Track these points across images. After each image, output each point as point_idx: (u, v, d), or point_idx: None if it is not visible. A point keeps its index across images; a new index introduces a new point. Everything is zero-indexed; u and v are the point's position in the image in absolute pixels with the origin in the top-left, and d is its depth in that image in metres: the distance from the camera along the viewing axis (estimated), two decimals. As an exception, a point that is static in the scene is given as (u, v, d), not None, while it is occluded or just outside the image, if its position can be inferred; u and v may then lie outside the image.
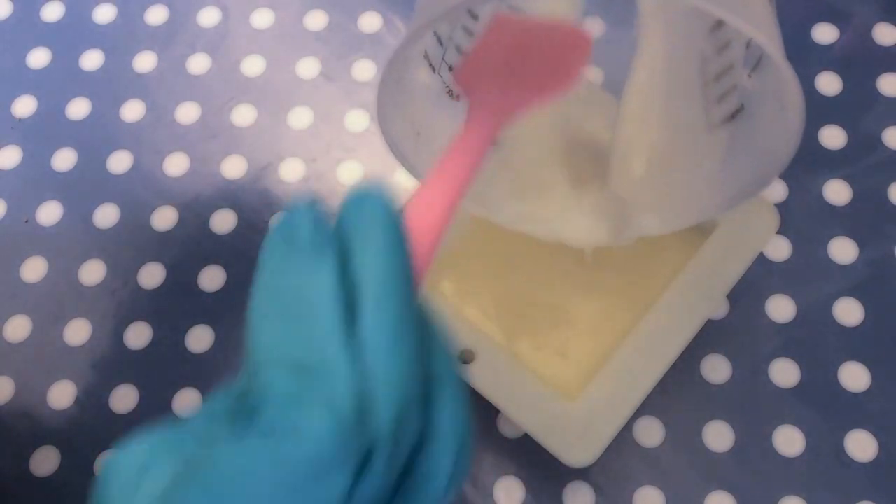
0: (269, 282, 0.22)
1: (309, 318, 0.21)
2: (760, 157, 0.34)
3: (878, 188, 0.48)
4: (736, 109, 0.35)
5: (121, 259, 0.49)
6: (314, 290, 0.21)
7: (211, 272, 0.48)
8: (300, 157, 0.51)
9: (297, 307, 0.21)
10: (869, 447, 0.42)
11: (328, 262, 0.21)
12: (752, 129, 0.35)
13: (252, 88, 0.54)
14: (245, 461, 0.20)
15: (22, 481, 0.44)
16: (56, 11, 0.57)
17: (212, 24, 0.56)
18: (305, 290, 0.21)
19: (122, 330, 0.47)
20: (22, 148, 0.53)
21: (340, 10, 0.55)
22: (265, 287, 0.22)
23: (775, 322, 0.45)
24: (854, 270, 0.46)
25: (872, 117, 0.50)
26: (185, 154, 0.52)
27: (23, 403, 0.46)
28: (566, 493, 0.42)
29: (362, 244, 0.21)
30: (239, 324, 0.47)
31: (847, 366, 0.44)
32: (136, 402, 0.46)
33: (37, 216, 0.51)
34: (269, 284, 0.22)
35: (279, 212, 0.50)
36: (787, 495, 0.42)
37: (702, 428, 0.43)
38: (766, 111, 0.33)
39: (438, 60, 0.37)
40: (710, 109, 0.36)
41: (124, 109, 0.53)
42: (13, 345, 0.48)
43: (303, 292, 0.21)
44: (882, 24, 0.52)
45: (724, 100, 0.36)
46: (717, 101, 0.36)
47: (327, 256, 0.21)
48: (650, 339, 0.39)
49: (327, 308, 0.20)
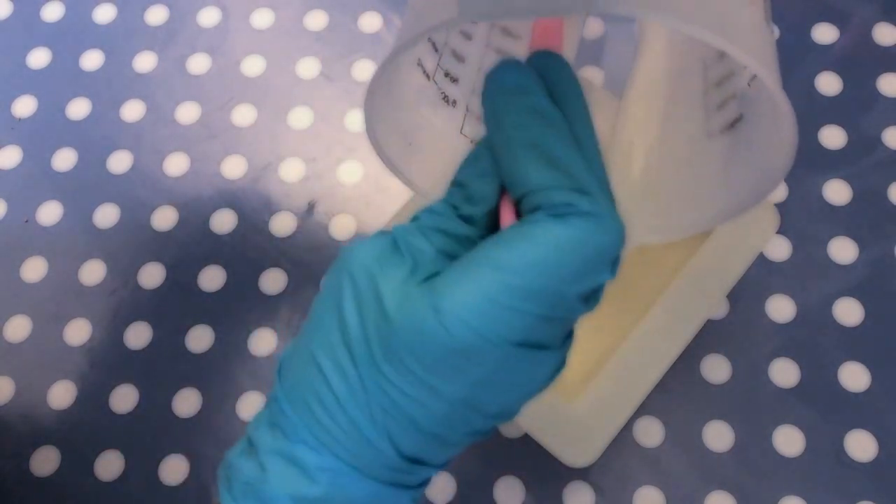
0: (504, 107, 0.26)
1: (554, 129, 0.25)
2: (757, 169, 0.34)
3: (878, 188, 0.48)
4: (735, 118, 0.35)
5: (121, 259, 0.49)
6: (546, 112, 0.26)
7: (211, 272, 0.48)
8: (300, 157, 0.51)
9: (541, 120, 0.26)
10: (869, 447, 0.42)
11: (543, 94, 0.26)
12: (749, 141, 0.35)
13: (252, 88, 0.54)
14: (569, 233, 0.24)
15: (22, 481, 0.44)
16: (56, 11, 0.57)
17: (212, 24, 0.56)
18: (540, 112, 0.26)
19: (122, 330, 0.47)
20: (22, 148, 0.53)
21: (340, 10, 0.55)
22: (503, 113, 0.26)
23: (775, 322, 0.45)
24: (854, 270, 0.46)
25: (872, 117, 0.50)
26: (185, 154, 0.52)
27: (23, 403, 0.46)
28: (566, 493, 0.42)
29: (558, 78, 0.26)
30: (239, 323, 0.48)
31: (847, 366, 0.44)
32: (136, 402, 0.46)
33: (37, 216, 0.51)
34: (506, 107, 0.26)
35: (279, 212, 0.50)
36: (787, 495, 0.42)
37: (702, 428, 0.43)
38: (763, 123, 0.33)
39: (433, 66, 0.36)
40: (710, 117, 0.36)
41: (124, 109, 0.54)
42: (13, 345, 0.48)
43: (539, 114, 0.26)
44: (882, 24, 0.52)
45: (724, 107, 0.35)
46: (717, 108, 0.36)
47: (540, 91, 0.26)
48: (650, 339, 0.39)
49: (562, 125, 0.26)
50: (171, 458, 0.44)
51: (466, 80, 0.37)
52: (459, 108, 0.38)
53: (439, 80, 0.37)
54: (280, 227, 0.49)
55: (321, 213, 0.50)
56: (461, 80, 0.37)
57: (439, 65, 0.36)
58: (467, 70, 0.37)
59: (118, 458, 0.45)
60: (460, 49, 0.37)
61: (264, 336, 0.47)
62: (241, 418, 0.45)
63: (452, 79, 0.37)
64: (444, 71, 0.37)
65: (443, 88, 0.37)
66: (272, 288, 0.48)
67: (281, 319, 0.47)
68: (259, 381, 0.46)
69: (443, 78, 0.37)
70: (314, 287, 0.47)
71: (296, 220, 0.49)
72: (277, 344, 0.46)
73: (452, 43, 0.36)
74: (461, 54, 0.37)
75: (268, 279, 0.48)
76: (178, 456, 0.44)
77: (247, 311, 0.47)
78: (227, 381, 0.46)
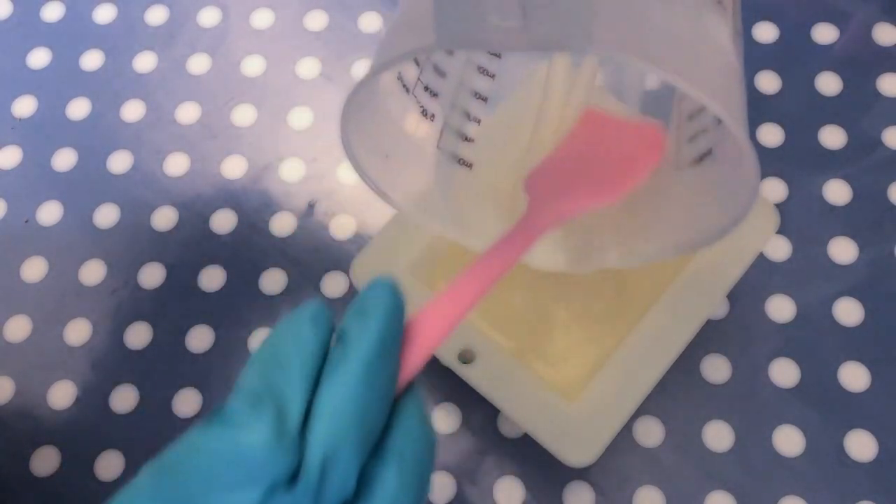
0: (270, 338, 0.26)
1: (288, 362, 0.24)
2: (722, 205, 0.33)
3: (878, 188, 0.48)
4: (704, 153, 0.35)
5: (121, 259, 0.49)
6: (301, 345, 0.25)
7: (211, 272, 0.48)
8: (300, 157, 0.51)
9: (283, 355, 0.25)
10: (869, 447, 0.42)
11: (321, 329, 0.25)
12: (717, 175, 0.34)
13: (252, 88, 0.54)
14: (196, 439, 0.24)
15: (22, 481, 0.44)
16: (56, 11, 0.57)
17: (212, 24, 0.56)
18: (293, 345, 0.25)
19: (122, 330, 0.47)
20: (22, 148, 0.53)
21: (340, 10, 0.55)
22: (266, 341, 0.25)
23: (775, 322, 0.45)
24: (854, 270, 0.46)
25: (872, 117, 0.50)
26: (185, 154, 0.52)
27: (23, 403, 0.46)
28: (566, 493, 0.42)
29: (357, 318, 0.25)
30: (239, 323, 0.48)
31: (847, 366, 0.44)
32: (136, 402, 0.46)
33: (37, 216, 0.51)
34: (269, 339, 0.25)
35: (279, 212, 0.50)
36: (787, 495, 0.42)
37: (702, 428, 0.43)
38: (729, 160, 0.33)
39: (414, 80, 0.36)
40: (681, 149, 0.36)
41: (124, 109, 0.54)
42: (13, 345, 0.48)
43: (291, 346, 0.25)
44: (882, 24, 0.52)
45: (695, 140, 0.35)
46: (688, 141, 0.36)
47: (321, 326, 0.25)
48: (650, 339, 0.39)
49: (306, 357, 0.24)
50: (171, 458, 0.44)
51: (446, 94, 0.37)
52: (437, 122, 0.37)
53: (419, 95, 0.36)
54: (280, 227, 0.49)
55: (321, 213, 0.50)
56: (441, 94, 0.37)
57: (419, 79, 0.36)
58: (447, 84, 0.37)
59: (118, 458, 0.45)
60: (442, 64, 0.37)
61: (264, 336, 0.47)
62: (241, 418, 0.45)
63: (432, 93, 0.37)
64: (423, 85, 0.36)
65: (422, 102, 0.37)
66: (272, 288, 0.48)
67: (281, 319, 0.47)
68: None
69: (422, 92, 0.36)
70: (314, 287, 0.47)
71: (296, 220, 0.49)
72: (277, 344, 0.46)
73: (435, 58, 0.36)
74: (442, 69, 0.37)
75: (268, 279, 0.48)
76: (178, 456, 0.44)
77: (247, 311, 0.47)
78: (227, 380, 0.46)
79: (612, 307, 0.42)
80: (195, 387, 0.46)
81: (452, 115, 0.38)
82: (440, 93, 0.37)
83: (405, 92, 0.36)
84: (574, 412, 0.38)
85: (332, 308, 0.26)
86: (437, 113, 0.37)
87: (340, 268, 0.48)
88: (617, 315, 0.42)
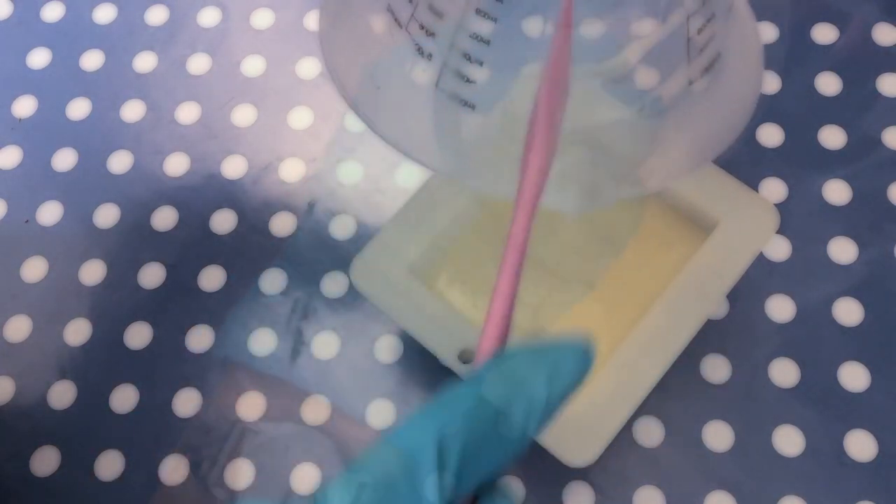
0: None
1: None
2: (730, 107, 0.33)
3: (878, 188, 0.48)
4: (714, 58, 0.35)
5: (121, 259, 0.49)
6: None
7: (211, 272, 0.48)
8: (300, 157, 0.51)
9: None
10: (869, 447, 0.42)
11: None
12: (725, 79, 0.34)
13: (252, 88, 0.54)
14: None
15: (22, 481, 0.44)
16: (56, 11, 0.57)
17: (212, 24, 0.56)
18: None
19: (122, 330, 0.47)
20: (22, 148, 0.53)
21: (340, 10, 0.55)
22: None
23: (775, 322, 0.45)
24: (854, 270, 0.46)
25: (872, 117, 0.50)
26: (185, 154, 0.52)
27: (23, 403, 0.46)
28: (566, 493, 0.42)
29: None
30: (239, 323, 0.48)
31: (847, 366, 0.44)
32: (136, 402, 0.46)
33: (37, 216, 0.51)
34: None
35: (279, 212, 0.50)
36: (787, 495, 0.42)
37: (702, 428, 0.43)
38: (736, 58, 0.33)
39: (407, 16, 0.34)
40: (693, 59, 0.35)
41: (124, 109, 0.54)
42: (13, 345, 0.48)
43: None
44: (882, 24, 0.52)
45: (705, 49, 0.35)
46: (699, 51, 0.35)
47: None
48: (650, 338, 0.39)
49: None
50: (172, 457, 0.44)
51: (444, 35, 0.35)
52: (435, 62, 0.36)
53: (413, 32, 0.35)
54: (280, 227, 0.49)
55: (321, 213, 0.50)
56: (438, 35, 0.35)
57: (413, 16, 0.34)
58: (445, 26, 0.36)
59: (118, 458, 0.45)
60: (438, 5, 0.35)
61: (264, 336, 0.47)
62: (242, 419, 0.45)
63: (429, 32, 0.35)
64: (419, 23, 0.35)
65: (417, 40, 0.35)
66: (272, 288, 0.48)
67: (281, 320, 0.47)
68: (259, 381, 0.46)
69: (418, 30, 0.35)
70: (314, 287, 0.47)
71: (296, 220, 0.49)
72: (277, 344, 0.46)
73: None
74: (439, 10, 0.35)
75: (268, 279, 0.48)
76: (178, 456, 0.44)
77: (247, 311, 0.47)
78: (226, 380, 0.46)
79: (611, 307, 0.42)
80: (195, 387, 0.46)
81: (451, 56, 0.36)
82: (437, 33, 0.35)
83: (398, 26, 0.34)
84: (574, 412, 0.38)
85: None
86: (434, 53, 0.35)
87: (340, 268, 0.48)
88: (617, 315, 0.42)
